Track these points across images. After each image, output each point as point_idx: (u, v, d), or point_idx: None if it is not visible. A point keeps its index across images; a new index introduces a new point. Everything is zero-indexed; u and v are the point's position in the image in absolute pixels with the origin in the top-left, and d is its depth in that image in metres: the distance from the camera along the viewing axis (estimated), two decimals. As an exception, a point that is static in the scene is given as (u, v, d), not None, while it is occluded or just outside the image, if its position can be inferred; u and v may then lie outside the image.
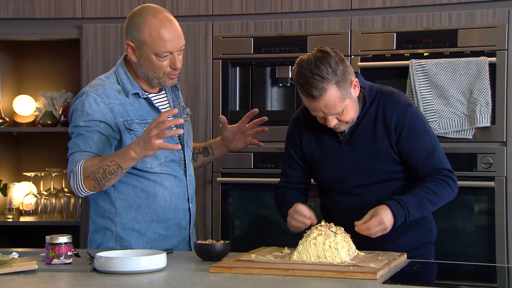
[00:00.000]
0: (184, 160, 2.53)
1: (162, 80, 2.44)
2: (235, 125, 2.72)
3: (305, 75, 2.24)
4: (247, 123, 2.72)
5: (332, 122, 2.32)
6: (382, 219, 2.22)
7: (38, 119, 4.06)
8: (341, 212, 2.42)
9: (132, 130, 2.41)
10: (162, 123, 2.20)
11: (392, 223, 2.25)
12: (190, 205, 2.56)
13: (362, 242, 2.25)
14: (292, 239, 2.32)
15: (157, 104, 2.50)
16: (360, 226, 2.23)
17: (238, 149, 2.76)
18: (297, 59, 2.31)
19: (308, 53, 2.30)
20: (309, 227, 2.26)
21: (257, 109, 2.73)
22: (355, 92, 2.33)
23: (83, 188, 2.34)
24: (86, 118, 2.38)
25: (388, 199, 2.28)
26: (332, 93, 2.25)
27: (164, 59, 2.40)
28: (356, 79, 2.33)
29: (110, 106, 2.40)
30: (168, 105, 2.55)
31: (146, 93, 2.48)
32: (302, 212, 2.33)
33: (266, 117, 2.75)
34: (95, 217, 2.52)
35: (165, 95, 2.56)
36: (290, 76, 3.57)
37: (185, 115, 2.62)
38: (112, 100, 2.41)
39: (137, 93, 2.46)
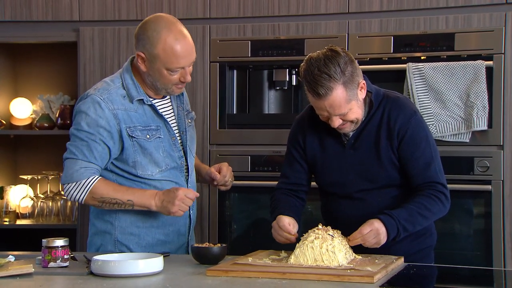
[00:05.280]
0: (187, 167, 2.53)
1: (170, 90, 2.45)
2: (212, 171, 2.65)
3: (313, 72, 2.23)
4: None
5: (336, 122, 2.30)
6: (378, 231, 2.21)
7: (35, 122, 4.06)
8: (342, 216, 2.41)
9: (134, 137, 2.41)
10: (187, 200, 2.37)
11: (386, 237, 2.24)
12: (191, 211, 2.55)
13: (359, 246, 2.24)
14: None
15: (161, 111, 2.49)
16: (356, 235, 2.20)
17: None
18: (307, 56, 2.30)
19: (318, 51, 2.29)
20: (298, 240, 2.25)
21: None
22: (361, 94, 2.31)
23: (82, 201, 2.39)
24: (90, 122, 2.38)
25: (379, 213, 2.26)
26: (338, 93, 2.24)
27: (175, 73, 2.39)
28: (364, 81, 2.32)
29: (114, 112, 2.40)
30: (172, 111, 2.54)
31: (151, 99, 2.48)
32: (286, 228, 2.30)
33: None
34: (95, 221, 2.51)
35: (169, 101, 2.55)
36: (287, 79, 3.57)
37: (189, 120, 2.60)
38: (117, 106, 2.41)
39: (142, 99, 2.45)
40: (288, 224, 2.31)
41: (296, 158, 2.48)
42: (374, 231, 2.21)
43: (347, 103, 2.26)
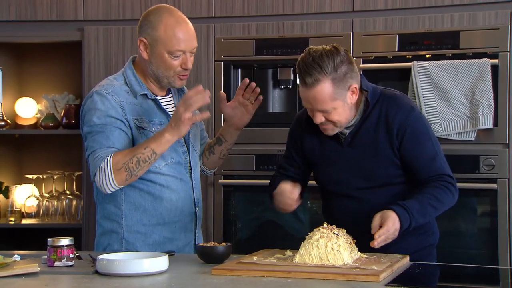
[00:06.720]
0: (190, 163, 2.53)
1: (172, 80, 2.45)
2: (232, 100, 2.60)
3: (307, 61, 2.25)
4: (243, 95, 2.59)
5: (318, 118, 2.30)
6: (395, 221, 2.19)
7: (40, 121, 4.07)
8: (343, 215, 2.40)
9: (143, 128, 2.41)
10: (189, 99, 2.27)
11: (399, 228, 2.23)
12: (197, 208, 2.55)
13: (364, 245, 2.23)
14: (295, 241, 2.32)
15: (164, 107, 2.49)
16: (378, 239, 2.16)
17: (245, 123, 2.63)
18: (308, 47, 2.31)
19: (321, 46, 2.30)
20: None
21: (247, 79, 2.59)
22: (351, 98, 2.30)
23: (113, 183, 2.32)
24: (100, 115, 2.37)
25: (393, 204, 2.25)
26: (324, 87, 2.24)
27: (176, 58, 2.40)
28: (356, 86, 2.30)
29: (121, 103, 2.40)
30: (174, 108, 2.54)
31: (154, 95, 2.48)
32: (287, 190, 2.31)
33: (254, 83, 2.59)
34: (101, 221, 2.51)
35: (171, 98, 2.56)
36: (292, 78, 3.57)
37: None
38: (122, 98, 2.41)
39: (145, 94, 2.46)
40: (287, 186, 2.32)
41: (294, 157, 2.50)
42: (392, 221, 2.19)
43: (331, 101, 2.26)
